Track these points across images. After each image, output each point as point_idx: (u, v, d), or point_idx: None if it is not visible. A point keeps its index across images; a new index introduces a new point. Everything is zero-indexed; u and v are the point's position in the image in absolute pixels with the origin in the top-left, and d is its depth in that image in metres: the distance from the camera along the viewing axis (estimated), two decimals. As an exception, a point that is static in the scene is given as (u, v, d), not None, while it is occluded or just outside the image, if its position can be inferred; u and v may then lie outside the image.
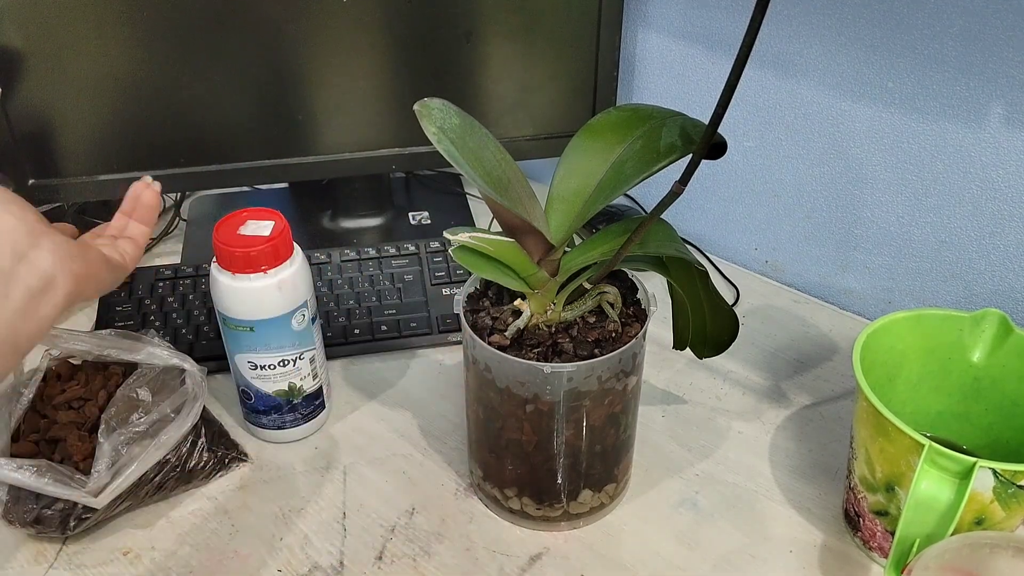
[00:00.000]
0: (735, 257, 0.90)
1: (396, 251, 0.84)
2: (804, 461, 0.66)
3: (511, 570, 0.58)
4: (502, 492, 0.60)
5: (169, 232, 0.93)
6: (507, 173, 0.54)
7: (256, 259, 0.58)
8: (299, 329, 0.62)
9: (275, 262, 0.59)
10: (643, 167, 0.52)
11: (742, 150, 0.84)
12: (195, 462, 0.62)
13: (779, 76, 0.78)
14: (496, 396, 0.56)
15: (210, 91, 0.76)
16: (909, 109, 0.72)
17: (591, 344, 0.55)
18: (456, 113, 0.52)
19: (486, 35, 0.78)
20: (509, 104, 0.82)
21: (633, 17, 0.86)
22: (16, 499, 0.57)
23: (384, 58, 0.78)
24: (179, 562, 0.59)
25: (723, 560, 0.59)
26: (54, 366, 0.64)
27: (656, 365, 0.75)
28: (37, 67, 0.72)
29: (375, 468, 0.66)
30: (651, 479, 0.65)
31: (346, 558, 0.59)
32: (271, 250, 0.58)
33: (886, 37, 0.70)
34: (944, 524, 0.49)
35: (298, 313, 0.61)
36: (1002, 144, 0.68)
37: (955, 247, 0.74)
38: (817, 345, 0.78)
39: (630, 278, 0.59)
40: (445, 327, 0.77)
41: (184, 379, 0.61)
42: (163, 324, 0.76)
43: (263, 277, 0.59)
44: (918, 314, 0.60)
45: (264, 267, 0.59)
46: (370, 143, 0.82)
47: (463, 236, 0.51)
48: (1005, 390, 0.59)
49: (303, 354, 0.63)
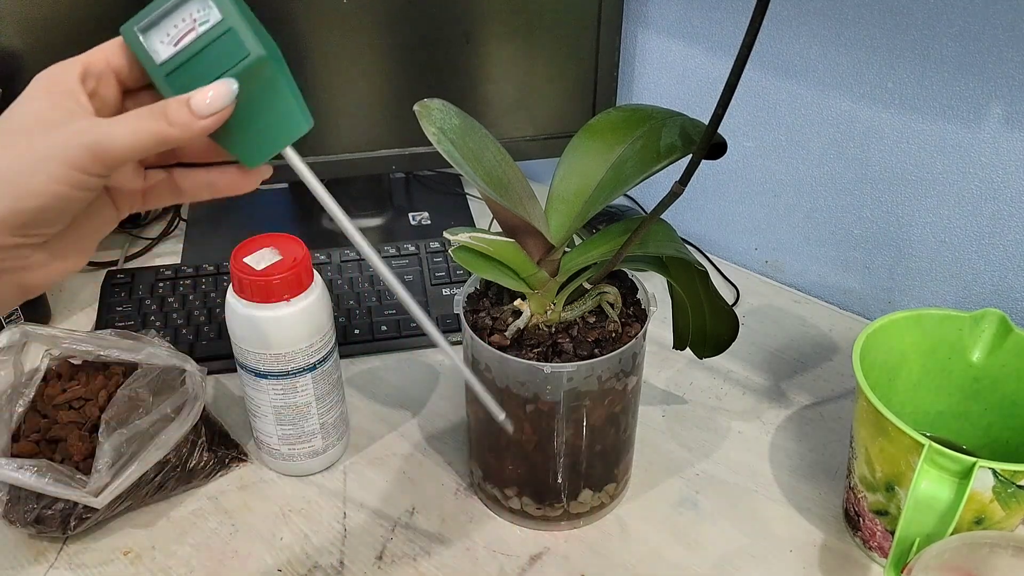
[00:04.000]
0: (735, 257, 0.90)
1: (396, 251, 0.84)
2: (804, 461, 0.67)
3: (511, 570, 0.58)
4: (502, 492, 0.61)
5: (169, 232, 0.93)
6: (507, 173, 0.54)
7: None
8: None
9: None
10: (643, 167, 0.52)
11: (742, 150, 0.84)
12: (195, 462, 0.62)
13: (779, 76, 0.78)
14: (496, 396, 0.56)
15: (210, 91, 0.75)
16: (909, 109, 0.72)
17: (591, 344, 0.55)
18: (456, 113, 0.52)
19: (486, 36, 0.78)
20: (509, 104, 0.82)
21: (633, 17, 0.86)
22: (16, 499, 0.57)
23: (384, 59, 0.78)
24: (179, 562, 0.59)
25: (723, 560, 0.59)
26: (54, 366, 0.64)
27: (656, 365, 0.75)
28: (37, 67, 0.71)
29: (375, 468, 0.66)
30: (651, 479, 0.65)
31: (346, 558, 0.59)
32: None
33: (886, 37, 0.70)
34: (944, 524, 0.49)
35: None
36: (1002, 144, 0.68)
37: (955, 247, 0.74)
38: (817, 345, 0.78)
39: (630, 278, 0.59)
40: (445, 327, 0.77)
41: (184, 379, 0.61)
42: (163, 324, 0.76)
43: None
44: (918, 314, 0.60)
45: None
46: (370, 143, 0.82)
47: (463, 236, 0.51)
48: (1005, 390, 0.60)
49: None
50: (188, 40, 0.37)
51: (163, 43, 0.38)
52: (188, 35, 0.37)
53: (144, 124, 0.36)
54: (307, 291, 0.58)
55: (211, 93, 0.37)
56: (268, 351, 0.58)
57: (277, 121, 0.40)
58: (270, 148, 0.40)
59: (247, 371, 0.60)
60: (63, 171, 0.35)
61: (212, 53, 0.37)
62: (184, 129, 0.37)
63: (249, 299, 0.57)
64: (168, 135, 0.37)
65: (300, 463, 0.64)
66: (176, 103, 0.37)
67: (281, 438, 0.63)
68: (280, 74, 0.39)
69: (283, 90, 0.39)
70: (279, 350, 0.58)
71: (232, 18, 0.37)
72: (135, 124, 0.36)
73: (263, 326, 0.57)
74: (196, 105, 0.37)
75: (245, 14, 0.38)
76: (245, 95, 0.38)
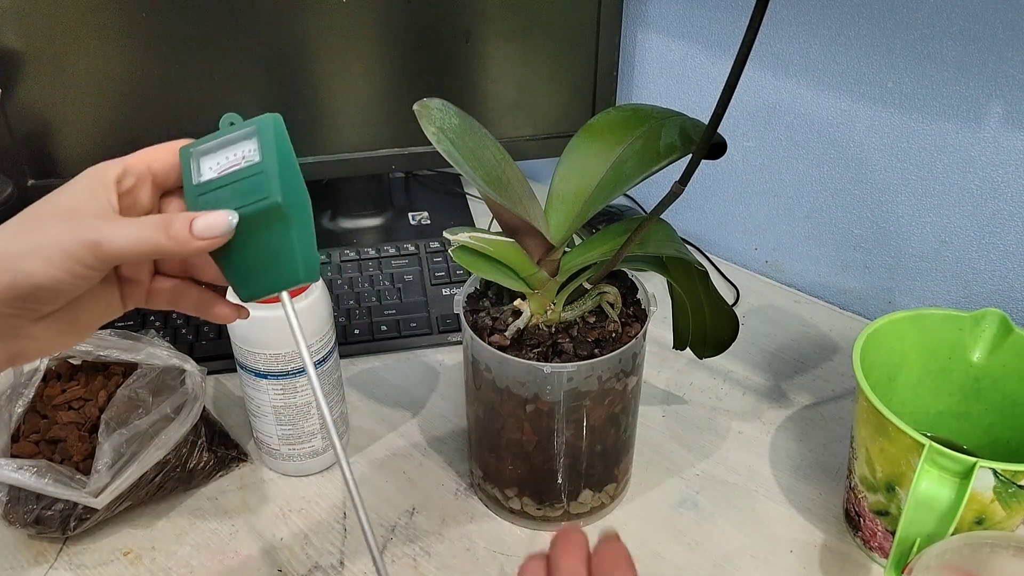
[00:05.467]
0: (735, 257, 0.89)
1: (396, 251, 0.84)
2: (804, 461, 0.66)
3: (511, 570, 0.58)
4: (502, 492, 0.60)
5: (169, 232, 0.93)
6: (507, 173, 0.54)
7: None
8: None
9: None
10: (643, 167, 0.52)
11: (742, 150, 0.84)
12: (195, 462, 0.62)
13: (779, 76, 0.78)
14: (496, 396, 0.56)
15: (209, 91, 0.76)
16: (909, 109, 0.72)
17: (591, 344, 0.55)
18: (456, 113, 0.52)
19: (486, 35, 0.78)
20: (509, 104, 0.82)
21: (633, 17, 0.86)
22: (16, 499, 0.57)
23: (384, 58, 0.78)
24: (179, 562, 0.59)
25: (723, 560, 0.59)
26: (54, 366, 0.64)
27: (656, 365, 0.75)
28: (37, 67, 0.72)
29: (375, 468, 0.66)
30: (651, 479, 0.65)
31: (346, 558, 0.59)
32: None
33: (886, 37, 0.70)
34: (944, 524, 0.49)
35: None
36: (1002, 143, 0.68)
37: (955, 247, 0.74)
38: (817, 345, 0.78)
39: (630, 278, 0.59)
40: (445, 327, 0.77)
41: (184, 379, 0.61)
42: (163, 324, 0.76)
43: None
44: (918, 314, 0.60)
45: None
46: (370, 143, 0.82)
47: (463, 236, 0.51)
48: (1005, 390, 0.59)
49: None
50: (227, 171, 0.41)
51: (211, 169, 0.42)
52: (231, 168, 0.41)
53: (146, 232, 0.39)
54: (307, 291, 0.58)
55: (211, 218, 0.40)
56: (268, 351, 0.58)
57: (277, 264, 0.42)
58: (264, 288, 0.43)
59: (247, 371, 0.60)
60: (61, 259, 0.38)
61: (240, 187, 0.41)
62: (180, 244, 0.39)
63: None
64: (164, 247, 0.39)
65: (300, 463, 0.64)
66: (181, 219, 0.40)
67: (281, 438, 0.63)
68: (294, 224, 0.41)
69: (291, 238, 0.42)
70: (279, 350, 0.58)
71: (268, 163, 0.41)
72: (138, 231, 0.39)
73: (263, 326, 0.57)
74: (196, 226, 0.40)
75: (286, 164, 0.41)
76: (254, 232, 0.41)
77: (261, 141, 0.41)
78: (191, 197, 0.42)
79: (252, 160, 0.41)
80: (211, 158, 0.42)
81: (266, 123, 0.42)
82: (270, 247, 0.42)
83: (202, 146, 0.42)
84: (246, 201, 0.40)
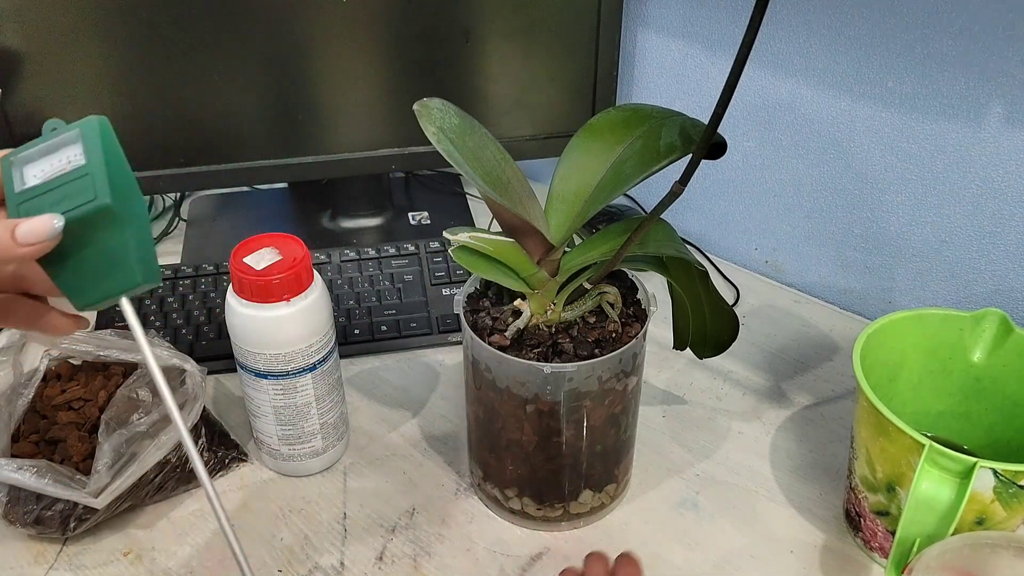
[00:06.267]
0: (735, 257, 0.89)
1: (396, 251, 0.83)
2: (805, 461, 0.66)
3: (511, 570, 0.58)
4: (502, 492, 0.60)
5: (169, 232, 0.93)
6: (507, 173, 0.54)
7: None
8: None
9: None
10: (643, 167, 0.52)
11: (742, 150, 0.84)
12: (195, 462, 0.62)
13: (779, 76, 0.78)
14: (496, 396, 0.56)
15: (209, 91, 0.76)
16: (909, 108, 0.72)
17: (591, 344, 0.55)
18: (456, 113, 0.52)
19: (485, 35, 0.78)
20: (509, 104, 0.82)
21: (632, 17, 0.86)
22: (16, 500, 0.57)
23: (384, 58, 0.78)
24: (179, 562, 0.59)
25: (723, 560, 0.59)
26: (54, 366, 0.64)
27: (656, 365, 0.75)
28: (37, 67, 0.72)
29: (375, 468, 0.66)
30: (651, 479, 0.65)
31: (346, 558, 0.59)
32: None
33: (886, 37, 0.70)
34: (945, 524, 0.49)
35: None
36: (1002, 143, 0.68)
37: (955, 247, 0.74)
38: (817, 345, 0.78)
39: (630, 278, 0.59)
40: (445, 327, 0.77)
41: (184, 379, 0.61)
42: (163, 324, 0.76)
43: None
44: (918, 314, 0.60)
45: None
46: (370, 143, 0.82)
47: (463, 236, 0.51)
48: (1006, 390, 0.59)
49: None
50: (52, 177, 0.40)
51: (35, 176, 0.40)
52: (56, 173, 0.40)
53: None
54: (307, 291, 0.58)
55: (35, 223, 0.38)
56: (268, 351, 0.58)
57: (113, 269, 0.41)
58: (102, 294, 0.42)
59: (247, 371, 0.60)
60: None
61: (65, 191, 0.39)
62: (2, 252, 0.38)
63: (249, 299, 0.57)
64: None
65: (300, 463, 0.64)
66: (2, 226, 0.38)
67: (281, 438, 0.63)
68: (127, 226, 0.40)
69: (125, 240, 0.40)
70: (279, 350, 0.58)
71: (94, 165, 0.39)
72: None
73: (263, 326, 0.57)
74: (19, 231, 0.38)
75: (114, 166, 0.40)
76: (84, 237, 0.40)
77: (86, 144, 0.40)
78: (13, 206, 0.40)
79: (78, 163, 0.39)
80: (35, 165, 0.40)
81: (91, 125, 0.40)
82: (104, 252, 0.40)
83: (23, 154, 0.41)
84: (73, 204, 0.39)
